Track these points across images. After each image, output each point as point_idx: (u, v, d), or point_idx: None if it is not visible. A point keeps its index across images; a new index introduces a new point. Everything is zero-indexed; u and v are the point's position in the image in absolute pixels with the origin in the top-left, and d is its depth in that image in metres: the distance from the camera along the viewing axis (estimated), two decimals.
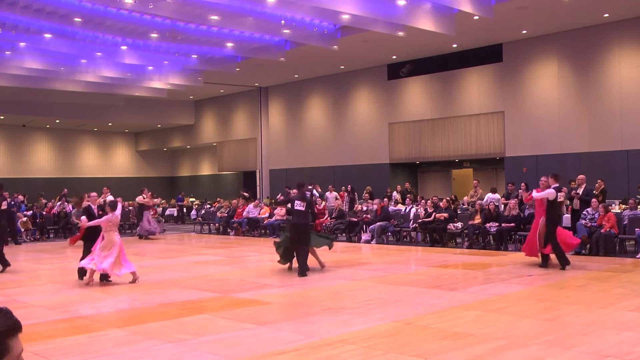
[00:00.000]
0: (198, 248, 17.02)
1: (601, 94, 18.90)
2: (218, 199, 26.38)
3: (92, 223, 10.62)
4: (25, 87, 24.89)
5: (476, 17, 16.95)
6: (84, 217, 11.08)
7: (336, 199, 20.58)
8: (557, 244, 10.95)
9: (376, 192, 21.86)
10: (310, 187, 22.29)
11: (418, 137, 23.51)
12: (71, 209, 21.82)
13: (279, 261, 11.56)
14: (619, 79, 18.57)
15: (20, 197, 23.08)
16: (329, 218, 19.20)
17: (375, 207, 17.83)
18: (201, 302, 8.57)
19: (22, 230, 19.73)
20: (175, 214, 28.96)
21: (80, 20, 17.52)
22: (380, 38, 19.23)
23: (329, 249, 12.06)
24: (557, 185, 11.23)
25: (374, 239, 16.90)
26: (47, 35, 19.02)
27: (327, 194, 21.55)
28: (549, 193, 11.03)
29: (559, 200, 11.26)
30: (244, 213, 21.19)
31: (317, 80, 26.93)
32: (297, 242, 11.03)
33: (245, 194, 25.25)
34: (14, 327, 2.07)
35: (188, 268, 12.33)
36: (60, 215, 21.10)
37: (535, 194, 11.31)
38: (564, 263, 10.88)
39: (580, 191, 13.82)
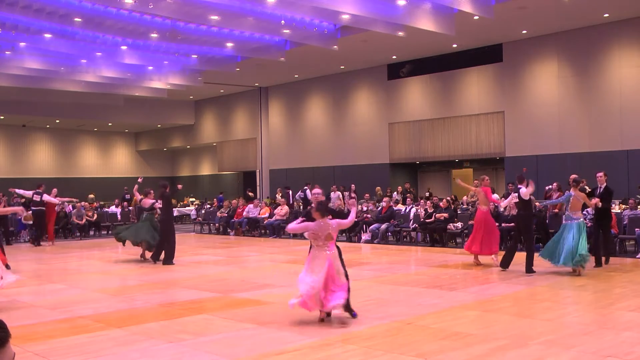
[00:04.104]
0: (198, 248, 17.01)
1: (601, 94, 18.90)
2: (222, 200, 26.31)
3: (298, 228, 7.30)
4: (25, 87, 24.88)
5: (476, 17, 16.94)
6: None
7: (339, 198, 20.57)
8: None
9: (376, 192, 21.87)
10: (305, 187, 22.39)
11: (418, 137, 23.50)
12: (71, 209, 21.83)
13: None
14: (619, 79, 18.57)
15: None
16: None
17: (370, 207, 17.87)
18: (201, 302, 8.57)
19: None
20: None
21: (80, 20, 17.51)
22: (380, 38, 19.23)
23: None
24: (520, 187, 11.29)
25: (377, 239, 16.92)
26: (47, 35, 19.02)
27: (332, 194, 21.54)
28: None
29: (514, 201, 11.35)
30: (244, 213, 21.20)
31: (317, 80, 26.92)
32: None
33: (250, 193, 25.40)
34: (6, 338, 2.07)
35: (188, 268, 12.33)
36: (60, 215, 21.08)
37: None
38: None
39: None
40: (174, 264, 12.82)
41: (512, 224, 14.34)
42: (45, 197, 17.89)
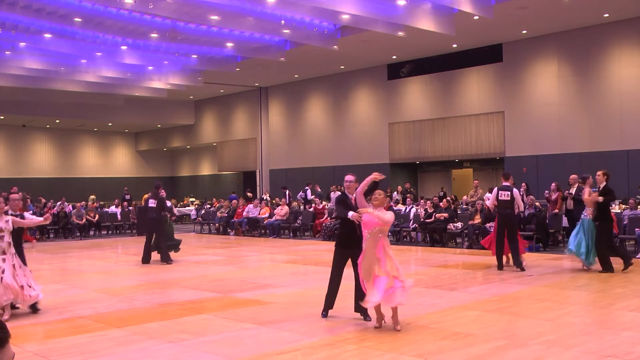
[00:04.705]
0: (198, 248, 17.01)
1: (601, 94, 18.90)
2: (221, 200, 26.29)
3: (390, 217, 6.89)
4: (25, 87, 24.90)
5: (476, 17, 16.95)
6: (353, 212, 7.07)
7: None
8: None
9: None
10: (307, 187, 22.42)
11: (418, 137, 23.51)
12: (71, 209, 21.82)
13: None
14: (619, 79, 18.57)
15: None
16: (328, 218, 19.20)
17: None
18: (201, 302, 8.57)
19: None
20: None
21: (80, 20, 17.52)
22: (380, 38, 19.23)
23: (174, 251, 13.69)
24: (506, 184, 11.24)
25: None
26: (47, 35, 19.03)
27: (332, 194, 21.53)
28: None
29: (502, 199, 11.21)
30: (244, 213, 21.20)
31: (317, 80, 26.93)
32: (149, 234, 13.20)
33: (249, 194, 25.42)
34: (6, 338, 2.08)
35: (188, 268, 12.33)
36: (60, 215, 21.08)
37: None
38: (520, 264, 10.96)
39: (573, 191, 13.77)
40: (172, 261, 12.86)
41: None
42: None
